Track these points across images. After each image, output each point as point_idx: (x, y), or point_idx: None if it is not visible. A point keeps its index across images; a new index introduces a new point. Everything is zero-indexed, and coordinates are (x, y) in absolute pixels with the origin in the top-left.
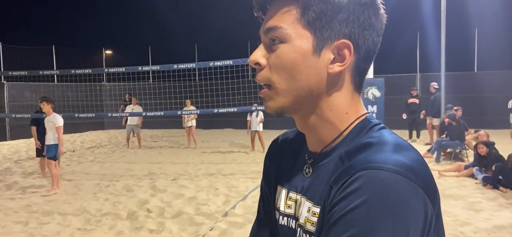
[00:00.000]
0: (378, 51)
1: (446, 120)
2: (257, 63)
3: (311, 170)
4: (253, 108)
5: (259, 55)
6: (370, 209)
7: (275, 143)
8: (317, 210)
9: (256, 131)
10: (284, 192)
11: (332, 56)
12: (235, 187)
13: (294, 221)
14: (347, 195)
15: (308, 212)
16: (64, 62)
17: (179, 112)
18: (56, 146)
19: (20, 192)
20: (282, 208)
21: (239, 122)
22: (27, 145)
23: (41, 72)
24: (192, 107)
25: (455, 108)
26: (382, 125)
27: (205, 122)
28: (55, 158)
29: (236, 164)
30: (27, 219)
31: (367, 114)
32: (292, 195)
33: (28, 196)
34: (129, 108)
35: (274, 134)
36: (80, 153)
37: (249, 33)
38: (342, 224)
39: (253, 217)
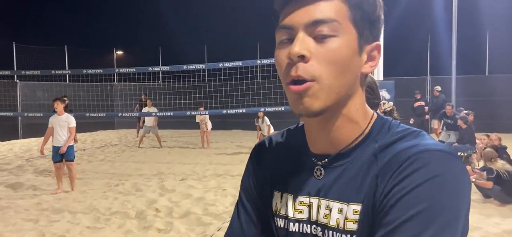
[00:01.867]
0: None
1: (459, 122)
2: (302, 56)
3: (323, 172)
4: (262, 109)
5: (305, 47)
6: (436, 185)
7: (262, 147)
8: (357, 207)
9: (262, 133)
10: (290, 197)
11: (365, 57)
12: None
13: (309, 225)
14: (407, 176)
15: (341, 213)
16: (76, 62)
17: (188, 113)
18: (72, 147)
19: (31, 190)
20: (291, 214)
21: (248, 123)
22: (39, 143)
23: (53, 72)
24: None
25: (465, 111)
26: (390, 118)
27: (213, 123)
28: (73, 159)
29: (244, 165)
30: (37, 217)
31: (375, 113)
32: (303, 199)
33: (39, 194)
34: (145, 110)
35: None
36: (91, 152)
37: (259, 34)
38: (409, 200)
39: None
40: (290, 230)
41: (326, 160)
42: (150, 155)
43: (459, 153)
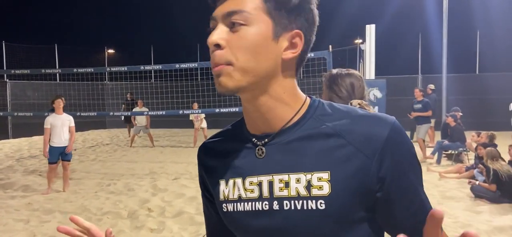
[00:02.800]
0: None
1: (449, 119)
2: (217, 45)
3: (264, 151)
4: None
5: (218, 36)
6: (410, 149)
7: (204, 149)
8: (322, 175)
9: None
10: (239, 180)
11: (286, 44)
12: None
13: (261, 202)
14: (396, 153)
15: (299, 182)
16: (66, 61)
17: (180, 111)
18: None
19: (21, 190)
20: (243, 195)
21: None
22: (29, 143)
23: (43, 71)
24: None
25: (456, 109)
26: (323, 100)
27: (207, 122)
28: (70, 159)
29: None
30: (28, 217)
31: (309, 97)
32: (252, 179)
33: (30, 194)
34: (137, 110)
35: None
36: (82, 151)
37: None
38: (412, 170)
39: None
40: (240, 210)
41: (266, 140)
42: (142, 155)
43: (449, 151)
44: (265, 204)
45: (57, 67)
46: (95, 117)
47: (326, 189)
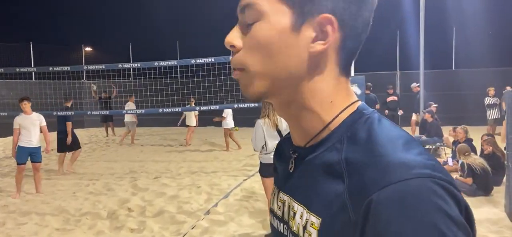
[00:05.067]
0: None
1: (427, 115)
2: (232, 45)
3: (293, 166)
4: (235, 105)
5: (234, 36)
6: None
7: (278, 146)
8: (315, 220)
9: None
10: (276, 192)
11: (313, 34)
12: (217, 185)
13: (281, 224)
14: (377, 219)
15: (301, 218)
16: (42, 59)
17: (160, 110)
18: (39, 148)
19: None
20: (275, 209)
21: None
22: (4, 144)
23: (17, 70)
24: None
25: (430, 103)
26: (377, 115)
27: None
28: (41, 160)
29: (218, 162)
30: (4, 219)
31: (359, 103)
32: (282, 195)
33: (5, 196)
34: (130, 105)
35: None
36: None
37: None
38: None
39: (235, 215)
40: (272, 223)
41: (297, 154)
42: (122, 154)
43: (427, 146)
44: (285, 228)
45: (32, 66)
46: (72, 116)
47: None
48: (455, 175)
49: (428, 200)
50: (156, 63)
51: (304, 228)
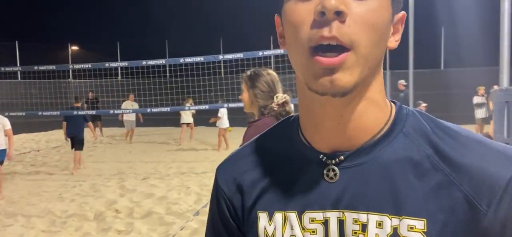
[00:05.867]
0: None
1: None
2: (339, 12)
3: (338, 173)
4: (226, 105)
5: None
6: None
7: (230, 164)
8: (417, 223)
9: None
10: (292, 215)
11: (392, 30)
12: (207, 186)
13: None
14: None
15: (380, 227)
16: (27, 58)
17: (148, 110)
18: (5, 151)
19: None
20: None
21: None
22: None
23: (2, 69)
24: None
25: (423, 104)
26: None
27: (176, 120)
28: (2, 162)
29: (209, 162)
30: None
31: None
32: (315, 215)
33: None
34: (128, 104)
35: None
36: (45, 152)
37: (221, 30)
38: None
39: None
40: None
41: (342, 157)
42: (110, 155)
43: None
44: None
45: (17, 65)
46: (58, 116)
47: None
48: None
49: None
50: (144, 62)
51: (394, 235)
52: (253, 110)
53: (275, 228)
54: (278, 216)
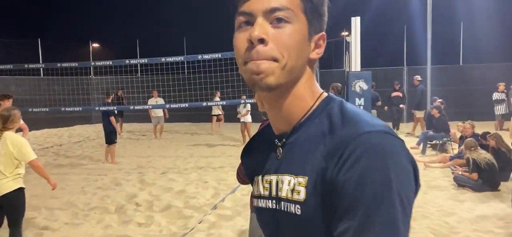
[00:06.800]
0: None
1: (434, 111)
2: (262, 39)
3: (281, 151)
4: (242, 100)
5: (263, 31)
6: (373, 175)
7: (250, 140)
8: (302, 180)
9: (244, 122)
10: (260, 178)
11: (313, 45)
12: (224, 180)
13: (270, 200)
14: (352, 166)
15: (289, 184)
16: (50, 56)
17: (167, 106)
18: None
19: None
20: (261, 192)
21: (228, 115)
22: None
23: (26, 66)
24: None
25: (438, 100)
26: (343, 100)
27: (193, 116)
28: None
29: (226, 157)
30: None
31: (326, 93)
32: (267, 177)
33: None
34: (153, 101)
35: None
36: (68, 147)
37: None
38: (360, 190)
39: (242, 210)
40: (259, 206)
41: (284, 140)
42: (130, 149)
43: (434, 141)
44: (273, 202)
45: (40, 62)
46: (80, 112)
47: (302, 195)
48: (460, 171)
49: (386, 141)
50: (163, 59)
51: (293, 190)
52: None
53: (255, 187)
54: (256, 178)
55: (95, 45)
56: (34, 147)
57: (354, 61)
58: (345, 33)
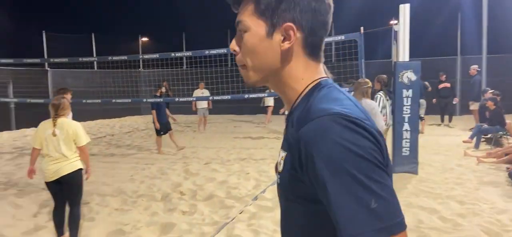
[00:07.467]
0: (329, 24)
1: (489, 103)
2: (234, 50)
3: (286, 126)
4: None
5: (234, 43)
6: (321, 149)
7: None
8: (284, 154)
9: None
10: (282, 151)
11: (282, 37)
12: (266, 172)
13: (277, 175)
14: (304, 146)
15: (279, 156)
16: (102, 50)
17: (211, 97)
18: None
19: None
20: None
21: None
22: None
23: (80, 59)
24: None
25: (493, 92)
26: (332, 86)
27: (236, 108)
28: None
29: (267, 149)
30: None
31: (322, 79)
32: (280, 152)
33: None
34: (198, 92)
35: None
36: (119, 137)
37: None
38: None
39: None
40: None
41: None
42: (175, 140)
43: (489, 135)
44: (278, 176)
45: (94, 55)
46: (130, 103)
47: (282, 167)
48: None
49: (332, 126)
50: (206, 52)
51: (280, 162)
52: None
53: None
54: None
55: (144, 39)
56: (89, 137)
57: (402, 50)
58: (394, 22)
